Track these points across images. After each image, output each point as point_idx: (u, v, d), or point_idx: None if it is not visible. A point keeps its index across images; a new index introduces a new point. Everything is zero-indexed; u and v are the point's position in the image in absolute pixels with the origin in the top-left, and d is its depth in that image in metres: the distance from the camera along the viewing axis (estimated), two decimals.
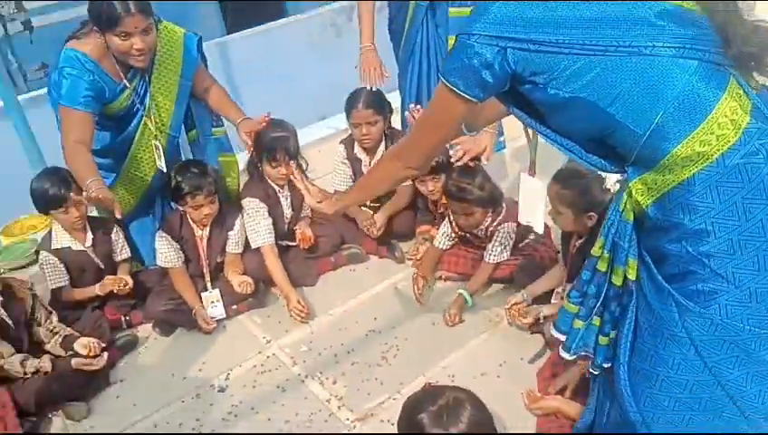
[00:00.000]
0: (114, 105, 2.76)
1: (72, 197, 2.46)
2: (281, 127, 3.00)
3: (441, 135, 1.64)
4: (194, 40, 2.90)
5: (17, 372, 2.46)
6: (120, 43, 2.56)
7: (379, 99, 3.16)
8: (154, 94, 2.82)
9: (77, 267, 2.93)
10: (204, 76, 2.99)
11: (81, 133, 2.58)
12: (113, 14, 2.49)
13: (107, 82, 2.68)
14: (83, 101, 2.59)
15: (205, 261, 2.99)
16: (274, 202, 3.12)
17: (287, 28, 6.08)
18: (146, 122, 2.84)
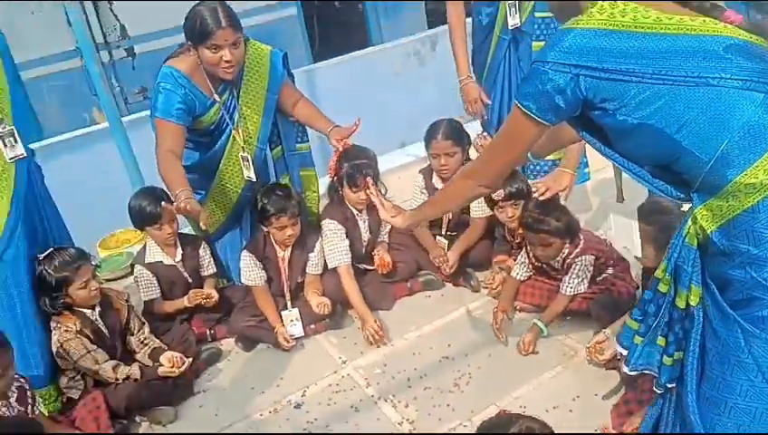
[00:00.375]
0: (204, 119, 2.92)
1: (163, 206, 2.62)
2: (362, 153, 3.11)
3: (513, 156, 1.71)
4: (279, 56, 3.03)
5: (110, 377, 2.63)
6: (210, 56, 2.72)
7: (457, 131, 3.21)
8: (242, 107, 2.97)
9: (167, 281, 3.10)
10: (291, 91, 3.10)
11: (173, 143, 2.75)
12: (205, 28, 2.66)
13: (198, 96, 2.85)
14: (176, 113, 2.77)
15: (286, 281, 3.11)
16: (352, 225, 3.21)
17: (371, 57, 6.25)
18: (234, 135, 2.98)
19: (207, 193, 3.14)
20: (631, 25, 1.41)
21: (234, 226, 3.31)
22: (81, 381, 2.66)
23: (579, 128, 1.61)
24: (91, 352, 2.62)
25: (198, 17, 2.67)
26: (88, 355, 2.61)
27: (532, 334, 2.79)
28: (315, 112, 3.08)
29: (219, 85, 2.89)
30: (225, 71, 2.77)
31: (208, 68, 2.79)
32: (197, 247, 3.18)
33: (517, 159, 1.75)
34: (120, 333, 2.80)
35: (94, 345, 2.65)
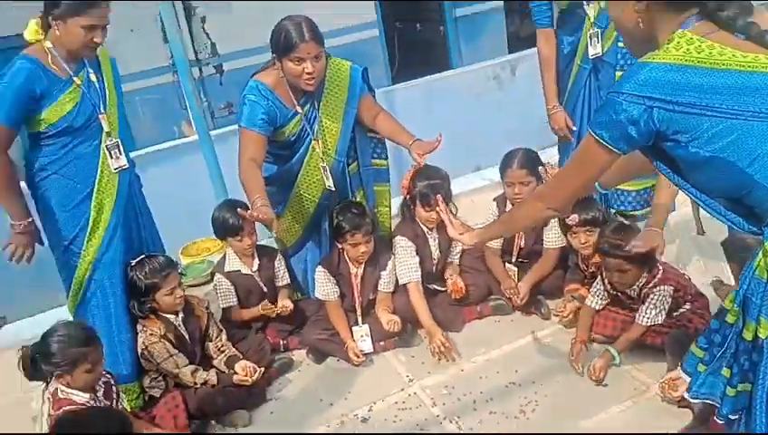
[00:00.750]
0: (286, 129, 3.04)
1: (239, 212, 2.76)
2: (435, 172, 3.18)
3: (583, 180, 1.74)
4: (359, 71, 3.14)
5: (188, 381, 2.77)
6: (293, 68, 2.85)
7: (533, 160, 3.22)
8: (322, 119, 3.08)
9: (244, 289, 3.23)
10: (371, 104, 3.19)
11: (255, 152, 2.89)
12: (290, 41, 2.79)
13: (280, 107, 2.98)
14: (259, 123, 2.91)
15: (358, 297, 3.18)
16: (423, 242, 3.27)
17: (450, 79, 6.30)
18: (314, 146, 3.09)
19: (285, 206, 3.25)
20: (706, 61, 1.45)
21: (310, 240, 3.41)
22: (163, 382, 2.82)
23: (652, 158, 1.63)
24: (173, 356, 2.77)
25: (284, 31, 2.81)
26: (170, 359, 2.77)
27: (604, 361, 2.75)
28: (396, 126, 3.15)
29: (301, 98, 3.02)
30: (307, 82, 2.88)
31: (291, 80, 2.92)
32: (273, 259, 3.30)
33: (586, 184, 1.78)
34: (200, 340, 2.94)
35: (176, 350, 2.80)
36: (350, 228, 3.05)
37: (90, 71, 2.71)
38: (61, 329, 2.33)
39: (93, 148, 2.72)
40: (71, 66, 2.64)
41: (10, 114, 2.53)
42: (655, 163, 1.64)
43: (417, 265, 3.21)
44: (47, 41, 2.60)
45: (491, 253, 3.35)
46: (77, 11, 2.51)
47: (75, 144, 2.68)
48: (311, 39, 2.80)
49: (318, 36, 2.83)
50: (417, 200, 3.18)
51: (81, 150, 2.69)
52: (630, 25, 1.60)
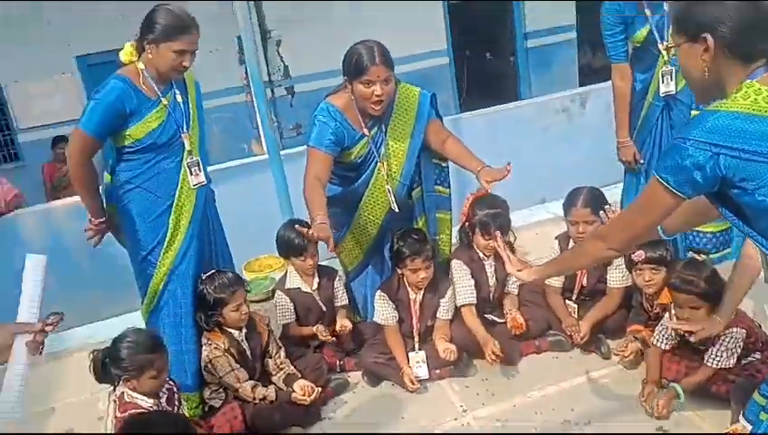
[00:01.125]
0: (353, 151, 3.10)
1: (296, 229, 2.81)
2: (495, 201, 3.20)
3: (647, 223, 1.74)
4: (427, 96, 3.18)
5: (248, 396, 2.84)
6: (363, 90, 2.91)
7: (597, 199, 3.17)
8: (389, 142, 3.13)
9: (303, 307, 3.30)
10: (440, 128, 3.22)
11: (321, 171, 2.96)
12: (361, 64, 2.87)
13: (348, 129, 3.05)
14: (327, 143, 2.98)
15: (416, 323, 3.20)
16: (479, 268, 3.28)
17: (519, 110, 6.31)
18: (379, 169, 3.14)
19: (348, 228, 3.31)
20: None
21: (370, 264, 3.45)
22: (223, 394, 2.90)
23: (717, 204, 1.63)
24: (235, 371, 2.85)
25: (356, 54, 2.89)
26: (232, 373, 2.85)
27: (668, 398, 2.67)
28: (465, 151, 3.15)
29: (369, 121, 3.08)
30: (374, 106, 2.95)
31: (360, 102, 2.99)
32: (333, 279, 3.37)
33: (649, 227, 1.78)
34: (260, 356, 3.02)
35: (238, 364, 2.88)
36: (410, 254, 3.09)
37: (176, 92, 2.86)
38: (130, 335, 2.43)
39: (175, 164, 2.86)
40: (159, 87, 2.80)
41: (98, 127, 2.70)
42: (720, 209, 1.63)
43: (473, 289, 3.23)
44: (140, 62, 2.77)
45: (552, 290, 3.32)
46: (169, 36, 2.67)
47: (158, 160, 2.83)
48: (381, 63, 2.87)
49: (388, 60, 2.90)
50: (476, 228, 3.20)
51: (163, 166, 2.84)
52: (697, 74, 1.60)
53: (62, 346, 3.76)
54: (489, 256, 3.27)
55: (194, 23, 2.73)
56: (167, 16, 2.68)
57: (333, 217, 3.17)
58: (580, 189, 3.23)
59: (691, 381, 2.70)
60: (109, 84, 2.71)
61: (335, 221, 3.23)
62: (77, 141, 2.74)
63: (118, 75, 2.75)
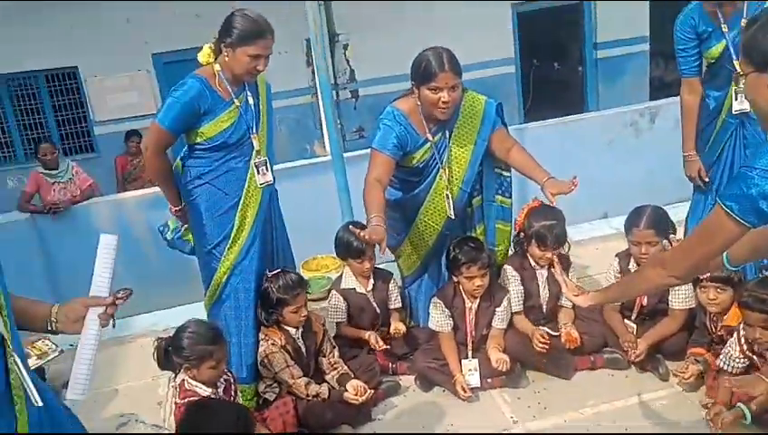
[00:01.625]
0: (416, 155, 3.12)
1: (350, 229, 2.84)
2: (551, 212, 3.16)
3: (709, 250, 1.72)
4: (493, 105, 3.18)
5: (301, 392, 2.90)
6: (430, 96, 2.93)
7: (661, 219, 3.10)
8: (452, 148, 3.13)
9: (357, 307, 3.34)
10: (505, 137, 3.21)
11: (382, 173, 3.00)
12: (429, 70, 2.89)
13: (412, 134, 3.08)
14: (390, 147, 3.02)
15: (470, 331, 3.19)
16: (530, 276, 3.27)
17: (585, 122, 6.21)
18: (441, 175, 3.15)
19: (407, 234, 3.33)
20: None
21: (427, 271, 3.46)
22: (277, 388, 2.96)
23: None
24: (290, 367, 2.92)
25: (425, 60, 2.91)
26: (287, 369, 2.91)
27: (734, 416, 2.56)
28: (531, 160, 3.13)
29: (434, 127, 3.10)
30: (441, 111, 2.97)
31: (426, 108, 3.01)
32: (388, 281, 3.40)
33: (712, 255, 1.76)
34: (315, 354, 3.08)
35: (293, 361, 2.94)
36: (466, 261, 3.09)
37: (249, 94, 2.95)
38: (192, 326, 2.52)
39: (243, 163, 2.95)
40: (233, 89, 2.90)
41: (173, 123, 2.82)
42: None
43: (521, 296, 3.24)
44: (216, 64, 2.88)
45: (610, 308, 3.25)
46: (245, 41, 2.76)
47: (228, 159, 2.93)
48: (449, 69, 2.89)
49: (456, 67, 2.92)
50: (531, 238, 3.19)
51: (232, 165, 2.94)
52: (763, 104, 1.58)
53: (127, 331, 3.93)
54: (543, 266, 3.25)
55: (269, 28, 2.82)
56: (244, 22, 2.77)
57: (393, 222, 3.20)
58: (643, 208, 3.14)
59: (762, 402, 2.59)
60: (187, 83, 2.83)
61: (395, 226, 3.27)
62: (153, 134, 2.86)
63: (195, 75, 2.86)
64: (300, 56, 8.34)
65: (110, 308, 1.74)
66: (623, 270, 3.25)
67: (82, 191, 6.04)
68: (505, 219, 3.37)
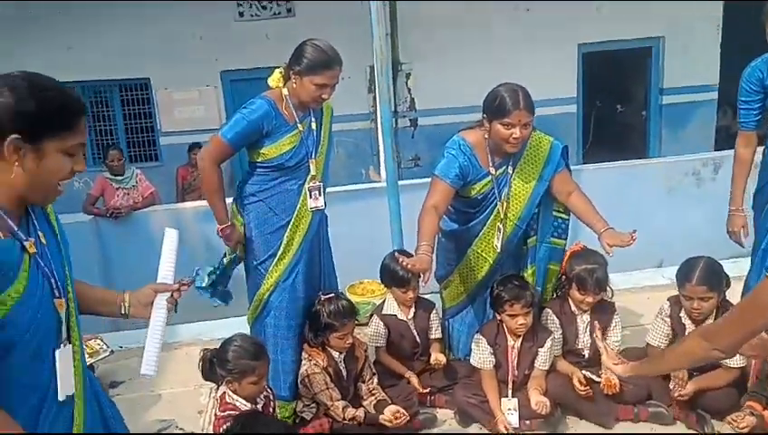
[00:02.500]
0: (475, 187, 3.13)
1: (395, 256, 2.86)
2: (593, 256, 3.14)
3: (755, 325, 1.66)
4: (559, 147, 3.18)
5: (338, 415, 2.92)
6: (501, 131, 2.95)
7: (715, 274, 3.00)
8: (513, 183, 3.13)
9: (397, 334, 3.35)
10: (567, 180, 3.20)
11: (440, 201, 3.02)
12: (504, 106, 2.90)
13: (475, 165, 3.09)
14: (452, 176, 3.04)
15: (512, 370, 3.16)
16: (569, 320, 3.23)
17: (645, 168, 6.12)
18: (498, 209, 3.15)
19: (456, 266, 3.33)
20: None
21: (471, 305, 3.44)
22: (315, 408, 3.00)
23: None
24: (329, 389, 2.94)
25: (500, 96, 2.93)
26: (326, 391, 2.94)
27: None
28: (591, 208, 3.12)
29: (497, 160, 3.11)
30: (512, 145, 2.98)
31: (496, 141, 3.02)
32: (429, 311, 3.41)
33: (759, 329, 1.69)
34: (355, 379, 3.10)
35: (333, 384, 2.97)
36: (509, 298, 3.07)
37: (312, 119, 3.03)
38: (238, 340, 2.58)
39: (297, 186, 3.03)
40: (298, 113, 2.99)
41: (236, 137, 2.91)
42: None
43: (560, 340, 3.21)
44: (285, 89, 2.97)
45: (654, 352, 3.17)
46: (314, 70, 2.84)
47: (283, 180, 3.01)
48: (524, 107, 2.90)
49: (531, 106, 2.93)
50: (572, 282, 3.17)
51: (286, 186, 3.02)
52: None
53: (174, 338, 4.02)
54: (585, 310, 3.20)
55: (337, 59, 2.89)
56: (314, 51, 2.85)
57: (445, 252, 3.22)
58: (696, 261, 3.03)
59: None
60: (256, 102, 2.93)
61: (447, 256, 3.28)
62: (214, 146, 2.95)
63: (265, 96, 2.96)
64: (362, 82, 8.47)
65: (175, 294, 1.87)
66: (673, 317, 3.17)
67: (144, 198, 6.25)
68: (557, 260, 3.35)
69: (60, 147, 1.51)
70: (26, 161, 1.48)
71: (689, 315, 3.09)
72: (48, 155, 1.50)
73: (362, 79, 8.42)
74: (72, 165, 1.55)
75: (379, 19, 4.20)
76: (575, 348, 3.25)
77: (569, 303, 3.24)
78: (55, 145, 1.50)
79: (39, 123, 1.48)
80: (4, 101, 1.45)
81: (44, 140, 1.49)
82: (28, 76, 1.50)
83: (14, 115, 1.45)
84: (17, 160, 1.47)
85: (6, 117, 1.44)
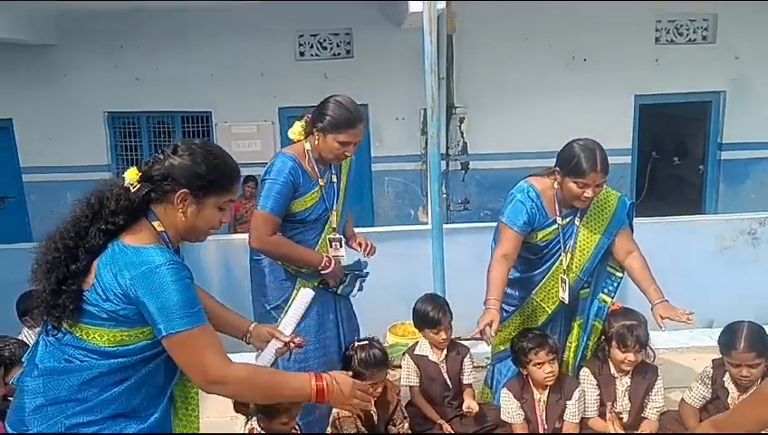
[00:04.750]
0: (540, 233, 3.12)
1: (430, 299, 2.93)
2: (632, 314, 3.10)
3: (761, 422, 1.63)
4: (626, 204, 3.15)
5: None
6: (574, 189, 2.94)
7: (762, 339, 2.91)
8: (579, 234, 3.11)
9: (428, 376, 3.33)
10: (628, 239, 3.15)
11: (510, 249, 3.03)
12: (580, 167, 2.88)
13: (542, 212, 3.08)
14: (520, 223, 3.04)
15: (541, 423, 3.10)
16: (607, 381, 3.16)
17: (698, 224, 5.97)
18: (562, 260, 3.12)
19: (512, 314, 3.30)
20: None
21: None
22: None
23: None
24: (360, 433, 2.93)
25: (577, 155, 2.91)
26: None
27: None
28: (648, 274, 3.08)
29: (565, 210, 3.10)
30: (582, 202, 2.98)
31: (566, 196, 3.01)
32: (463, 355, 3.37)
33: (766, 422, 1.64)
34: (386, 423, 3.09)
35: (363, 427, 2.96)
36: (534, 346, 3.05)
37: (333, 172, 3.07)
38: None
39: (314, 236, 3.06)
40: (319, 168, 3.02)
41: (276, 205, 2.91)
42: None
43: (597, 401, 3.15)
44: (307, 143, 2.99)
45: (690, 412, 3.10)
46: (338, 128, 2.87)
47: (302, 231, 3.04)
48: (600, 170, 2.89)
49: (607, 167, 2.90)
50: (611, 340, 3.11)
51: (304, 237, 3.05)
52: None
53: None
54: (626, 372, 3.12)
55: (360, 118, 2.90)
56: (337, 109, 2.87)
57: (506, 298, 3.18)
58: (740, 326, 2.95)
59: None
60: (278, 162, 2.93)
61: (505, 302, 3.24)
62: (258, 223, 2.91)
63: (286, 153, 2.97)
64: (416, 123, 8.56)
65: (285, 346, 2.27)
66: (715, 380, 3.09)
67: None
68: (602, 318, 3.29)
69: (216, 203, 1.91)
70: (189, 210, 1.86)
71: (736, 382, 2.99)
72: (206, 208, 1.89)
73: (416, 120, 8.52)
74: (221, 217, 1.94)
75: (431, 65, 4.25)
76: (613, 411, 3.15)
77: (608, 365, 3.17)
78: (213, 201, 1.89)
79: (206, 184, 1.86)
80: (183, 162, 1.85)
81: (207, 197, 1.87)
82: (204, 145, 1.93)
83: (189, 174, 1.83)
84: (182, 208, 1.85)
85: (183, 174, 1.84)
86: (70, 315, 1.75)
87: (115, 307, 1.73)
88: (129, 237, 1.80)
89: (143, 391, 1.83)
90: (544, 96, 8.31)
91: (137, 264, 1.73)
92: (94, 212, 1.80)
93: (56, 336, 1.79)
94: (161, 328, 1.72)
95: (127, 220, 1.81)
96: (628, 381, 3.15)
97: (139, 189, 1.84)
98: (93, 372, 1.76)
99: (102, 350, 1.76)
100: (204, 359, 1.76)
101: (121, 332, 1.75)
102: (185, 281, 1.75)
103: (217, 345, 1.80)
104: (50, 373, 1.78)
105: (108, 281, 1.74)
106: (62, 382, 1.76)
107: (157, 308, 1.71)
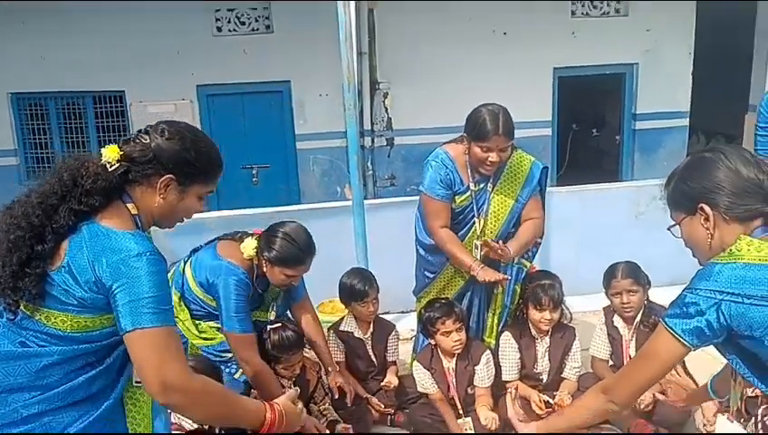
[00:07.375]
0: (457, 199, 3.15)
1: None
2: (548, 277, 3.19)
3: (651, 374, 1.71)
4: (539, 168, 3.20)
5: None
6: (479, 153, 2.96)
7: (637, 270, 3.16)
8: (492, 200, 3.15)
9: (353, 352, 3.34)
10: (533, 207, 3.22)
11: (445, 218, 3.08)
12: (483, 130, 2.91)
13: (456, 179, 3.11)
14: (441, 192, 3.07)
15: (454, 391, 3.15)
16: (528, 344, 3.23)
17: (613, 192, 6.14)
18: (476, 224, 3.16)
19: (431, 281, 3.34)
20: None
21: None
22: None
23: (729, 353, 1.63)
24: None
25: (481, 118, 2.93)
26: None
27: None
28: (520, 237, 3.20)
29: (477, 177, 3.11)
30: (487, 168, 3.01)
31: (473, 161, 3.04)
32: (389, 332, 3.37)
33: (655, 377, 1.73)
34: (306, 401, 3.04)
35: None
36: (440, 316, 3.08)
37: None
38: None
39: None
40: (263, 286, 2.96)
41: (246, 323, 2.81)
42: (729, 358, 1.63)
43: (517, 364, 3.21)
44: (256, 262, 2.87)
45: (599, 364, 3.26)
46: (285, 263, 2.79)
47: None
48: (503, 133, 2.91)
49: (510, 131, 2.94)
50: (527, 301, 3.18)
51: None
52: (701, 240, 1.66)
53: None
54: (545, 332, 3.20)
55: (310, 254, 2.83)
56: (287, 247, 2.78)
57: (422, 267, 3.22)
58: (618, 263, 3.22)
59: None
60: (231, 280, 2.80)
61: (423, 270, 3.28)
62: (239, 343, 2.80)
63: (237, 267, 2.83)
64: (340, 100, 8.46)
65: None
66: (608, 324, 3.28)
67: None
68: (523, 282, 3.36)
69: (199, 192, 1.84)
70: (170, 197, 1.77)
71: (621, 314, 3.18)
72: (189, 196, 1.81)
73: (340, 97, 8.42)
74: (199, 207, 1.87)
75: (347, 35, 4.20)
76: (534, 372, 3.24)
77: (529, 327, 3.23)
78: (197, 190, 1.83)
79: (193, 172, 1.78)
80: (171, 146, 1.75)
81: (192, 185, 1.80)
82: (193, 129, 1.85)
83: (177, 160, 1.75)
84: (163, 194, 1.75)
85: (170, 159, 1.74)
86: (30, 299, 1.62)
87: (84, 294, 1.62)
88: (107, 221, 1.67)
89: (104, 378, 1.72)
90: (467, 70, 8.36)
91: (115, 250, 1.61)
92: (67, 190, 1.66)
93: (10, 319, 1.66)
94: (127, 322, 1.60)
95: (101, 202, 1.68)
96: (548, 342, 3.23)
97: (117, 169, 1.71)
98: (53, 358, 1.64)
99: (64, 335, 1.64)
100: (165, 361, 1.60)
101: (85, 318, 1.65)
102: (161, 275, 1.65)
103: (181, 352, 1.69)
104: (3, 358, 1.65)
105: (81, 266, 1.61)
106: (18, 368, 1.64)
107: (128, 300, 1.59)
